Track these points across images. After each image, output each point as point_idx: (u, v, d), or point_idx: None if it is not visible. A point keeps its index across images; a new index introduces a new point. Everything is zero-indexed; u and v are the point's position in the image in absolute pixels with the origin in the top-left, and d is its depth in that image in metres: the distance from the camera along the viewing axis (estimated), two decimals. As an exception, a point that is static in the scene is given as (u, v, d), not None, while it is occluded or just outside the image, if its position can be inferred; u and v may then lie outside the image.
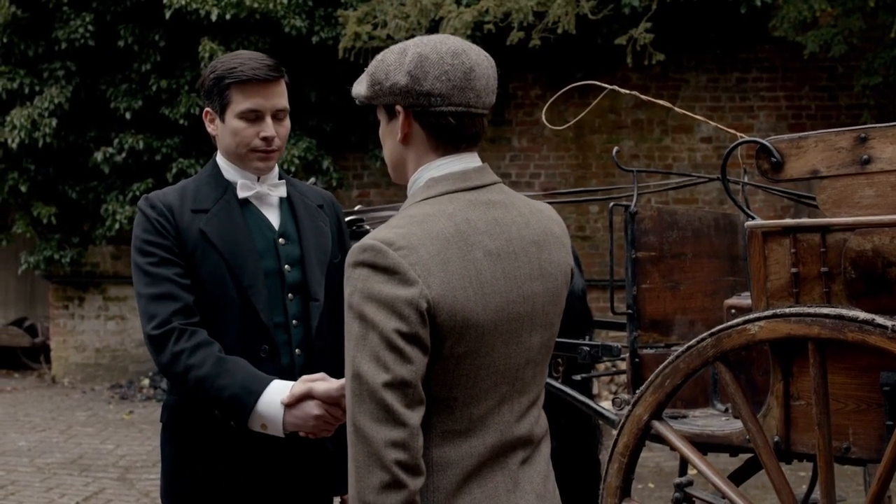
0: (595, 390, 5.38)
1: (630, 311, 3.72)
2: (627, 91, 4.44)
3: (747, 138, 3.33)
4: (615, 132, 11.09)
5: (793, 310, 2.96)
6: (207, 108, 2.78)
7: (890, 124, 3.06)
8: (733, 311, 3.54)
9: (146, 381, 11.27)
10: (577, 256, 4.65)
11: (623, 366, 4.19)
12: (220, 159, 2.83)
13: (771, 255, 3.13)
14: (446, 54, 2.06)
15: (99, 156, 10.66)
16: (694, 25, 10.45)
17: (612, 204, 3.92)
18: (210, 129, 2.81)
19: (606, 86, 4.38)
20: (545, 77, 10.99)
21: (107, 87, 10.80)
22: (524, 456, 2.16)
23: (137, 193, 10.64)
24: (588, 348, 3.91)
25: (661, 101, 4.36)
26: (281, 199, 2.85)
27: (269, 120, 2.74)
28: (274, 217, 2.83)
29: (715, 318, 3.87)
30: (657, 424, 3.27)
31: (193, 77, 10.39)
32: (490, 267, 2.01)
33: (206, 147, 10.58)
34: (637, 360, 3.68)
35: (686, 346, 3.15)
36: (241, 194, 2.77)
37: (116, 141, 10.68)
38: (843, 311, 2.86)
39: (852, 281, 2.98)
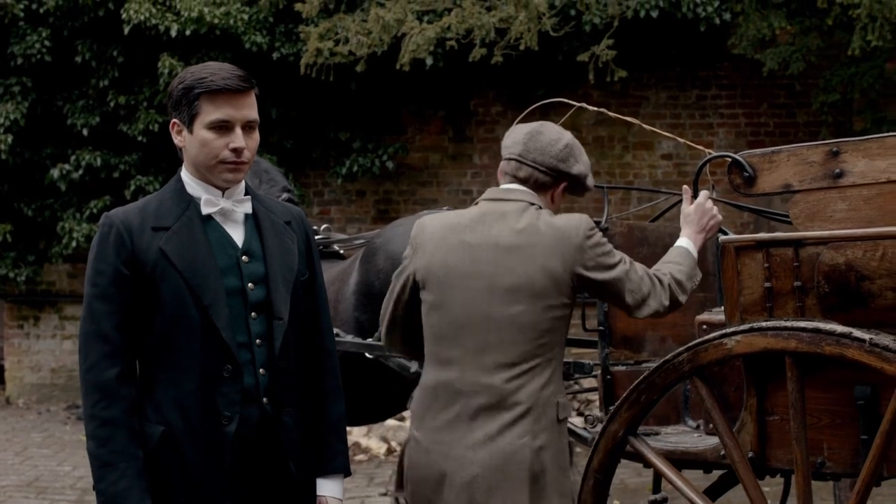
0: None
1: (601, 327, 3.70)
2: (595, 108, 4.44)
3: (719, 153, 3.33)
4: (576, 149, 11.10)
5: (769, 323, 2.95)
6: (175, 120, 2.72)
7: (861, 138, 3.07)
8: (705, 327, 3.53)
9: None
10: None
11: (593, 383, 4.18)
12: (184, 174, 2.77)
13: (744, 270, 3.13)
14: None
15: (55, 172, 10.50)
16: (654, 43, 10.51)
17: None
18: (177, 140, 2.74)
19: (574, 103, 4.37)
20: (506, 94, 11.01)
21: (64, 103, 10.67)
22: (486, 403, 2.98)
23: (95, 211, 10.51)
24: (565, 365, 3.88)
25: (629, 119, 4.36)
26: (246, 215, 2.79)
27: (238, 131, 2.68)
28: (238, 234, 2.76)
29: (686, 333, 3.85)
30: (633, 440, 3.25)
31: (152, 93, 10.30)
32: (459, 249, 3.09)
33: (164, 164, 10.49)
34: (609, 377, 3.66)
35: (662, 361, 3.14)
36: (205, 210, 2.72)
37: (73, 157, 10.53)
38: (821, 325, 2.86)
39: (826, 295, 2.98)
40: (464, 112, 11.17)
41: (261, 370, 2.71)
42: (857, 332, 2.79)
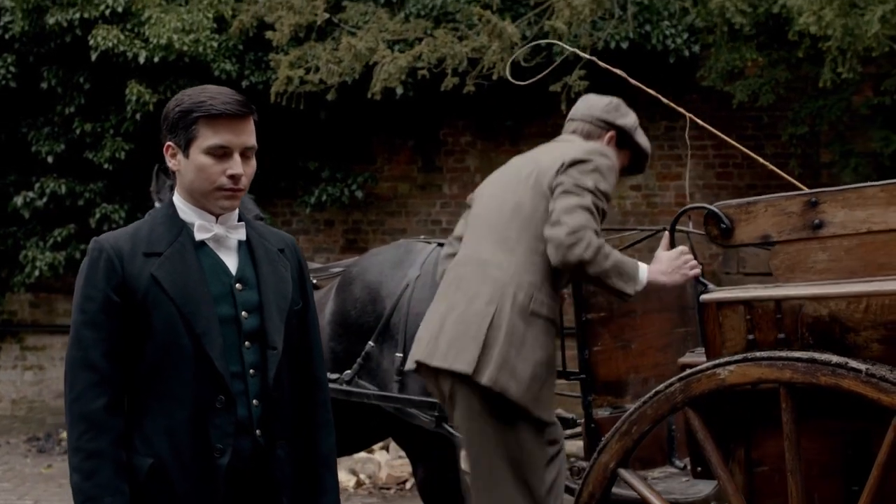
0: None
1: (582, 375, 3.67)
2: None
3: (696, 204, 3.31)
4: (546, 179, 11.08)
5: (764, 353, 2.92)
6: (170, 143, 2.66)
7: (839, 188, 3.06)
8: (687, 369, 3.50)
9: (65, 434, 10.91)
10: None
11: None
12: (176, 199, 2.72)
13: (726, 322, 3.10)
14: None
15: (19, 200, 10.32)
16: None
17: None
18: (171, 164, 2.69)
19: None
20: (476, 124, 10.98)
21: (28, 129, 10.50)
22: None
23: (59, 239, 10.36)
24: None
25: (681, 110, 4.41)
26: (240, 242, 2.74)
27: (237, 157, 2.63)
28: (231, 261, 2.71)
29: (668, 373, 3.82)
30: (624, 472, 3.19)
31: (119, 120, 10.17)
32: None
33: (130, 192, 10.36)
34: (593, 424, 3.62)
35: (654, 391, 3.09)
36: (199, 236, 2.66)
37: (38, 185, 10.34)
38: (816, 355, 2.82)
39: (809, 347, 2.96)
40: (433, 142, 11.13)
41: (254, 401, 2.66)
42: (853, 363, 2.76)
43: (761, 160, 4.65)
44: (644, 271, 3.48)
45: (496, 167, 4.17)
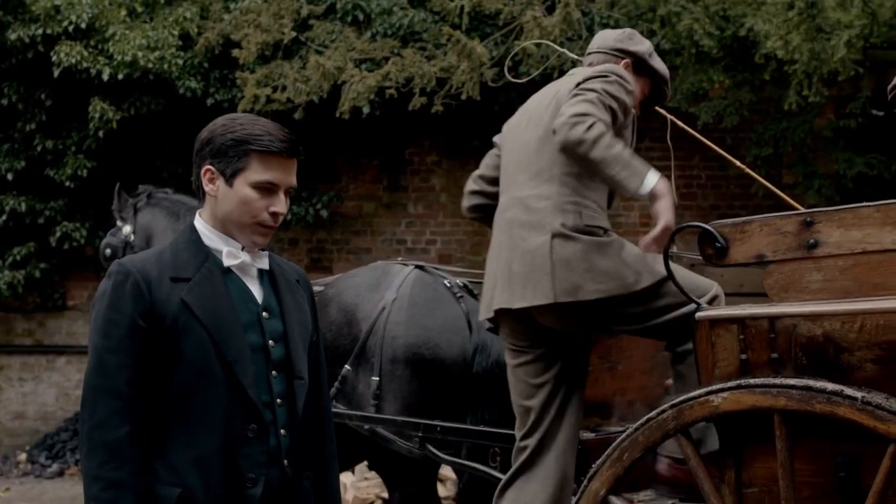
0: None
1: (570, 395, 3.64)
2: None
3: (690, 223, 3.28)
4: (511, 199, 11.08)
5: (758, 380, 2.89)
6: (210, 167, 2.61)
7: (835, 208, 3.05)
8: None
9: (23, 456, 10.69)
10: None
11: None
12: (200, 224, 2.67)
13: (718, 342, 3.07)
14: None
15: (-23, 217, 10.18)
16: (589, 95, 10.56)
17: None
18: (208, 188, 2.63)
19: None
20: (442, 143, 10.97)
21: (-12, 146, 10.36)
22: None
23: (18, 258, 10.22)
24: None
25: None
26: (261, 271, 2.70)
27: (282, 196, 2.60)
28: (256, 289, 2.67)
29: (654, 395, 3.82)
30: (614, 500, 3.16)
31: (81, 137, 10.06)
32: None
33: (92, 210, 10.24)
34: (580, 446, 3.59)
35: (645, 418, 3.06)
36: (227, 263, 2.62)
37: (-3, 202, 10.22)
38: (811, 382, 2.80)
39: (803, 367, 2.94)
40: (399, 161, 11.10)
41: (282, 431, 2.62)
42: (848, 391, 2.74)
43: (760, 179, 4.68)
44: (656, 176, 3.46)
45: (462, 187, 4.19)
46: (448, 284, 4.59)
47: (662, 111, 4.41)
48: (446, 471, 7.12)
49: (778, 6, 7.76)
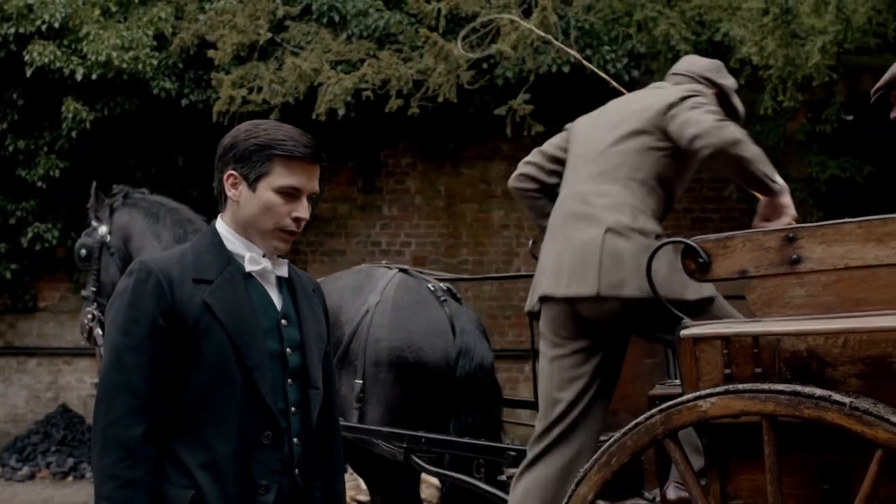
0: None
1: (554, 404, 3.65)
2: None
3: (673, 238, 3.29)
4: (486, 201, 11.10)
5: (746, 386, 2.89)
6: (233, 172, 2.59)
7: (817, 224, 3.07)
8: (658, 402, 3.49)
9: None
10: (485, 329, 4.59)
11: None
12: (222, 227, 2.65)
13: (702, 357, 3.08)
14: None
15: (-52, 218, 10.09)
16: (564, 98, 10.59)
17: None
18: (231, 193, 2.61)
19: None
20: (417, 145, 10.97)
21: (-42, 146, 10.27)
22: None
23: (-11, 258, 10.16)
24: (515, 453, 3.83)
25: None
26: (280, 278, 2.68)
27: (304, 201, 2.60)
28: (275, 296, 2.66)
29: (636, 404, 3.83)
30: None
31: (54, 138, 9.98)
32: None
33: (64, 210, 10.17)
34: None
35: (634, 422, 3.06)
36: (249, 268, 2.60)
37: (-33, 203, 10.14)
38: (799, 388, 2.80)
39: (787, 382, 2.96)
40: (374, 163, 11.08)
41: (295, 440, 2.61)
42: (836, 396, 2.75)
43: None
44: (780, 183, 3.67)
45: (436, 189, 4.19)
46: (432, 288, 4.60)
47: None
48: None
49: (753, 12, 7.81)
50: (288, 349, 2.62)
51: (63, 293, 10.93)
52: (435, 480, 6.42)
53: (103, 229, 5.76)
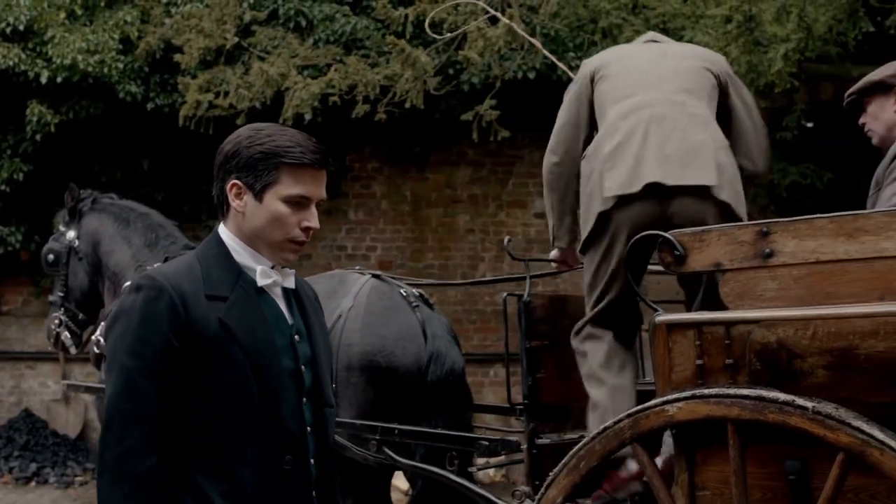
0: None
1: (526, 401, 3.69)
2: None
3: (651, 231, 3.34)
4: (451, 206, 11.16)
5: (712, 391, 2.95)
6: (236, 181, 2.44)
7: (790, 219, 3.13)
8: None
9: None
10: (456, 335, 4.63)
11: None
12: (229, 238, 2.47)
13: (675, 347, 3.14)
14: None
15: None
16: (529, 104, 10.67)
17: (505, 294, 3.91)
18: (235, 203, 2.45)
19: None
20: (383, 150, 11.01)
21: (-81, 150, 10.16)
22: None
23: (-49, 264, 10.07)
24: (487, 442, 3.87)
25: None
26: (286, 290, 2.54)
27: (313, 209, 2.48)
28: (285, 310, 2.52)
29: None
30: None
31: (17, 141, 9.91)
32: None
33: (27, 214, 10.09)
34: (535, 451, 3.64)
35: (602, 427, 3.12)
36: (262, 282, 2.46)
37: (-71, 207, 10.02)
38: (763, 393, 2.87)
39: (757, 372, 3.02)
40: (340, 167, 11.09)
41: (312, 461, 2.49)
42: (799, 400, 2.81)
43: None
44: None
45: (402, 193, 4.21)
46: (404, 293, 4.63)
47: None
48: (396, 480, 7.18)
49: (717, 19, 7.91)
50: (302, 366, 2.50)
51: (26, 297, 10.85)
52: (402, 484, 6.44)
53: (71, 234, 5.73)
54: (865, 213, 2.97)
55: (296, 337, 2.51)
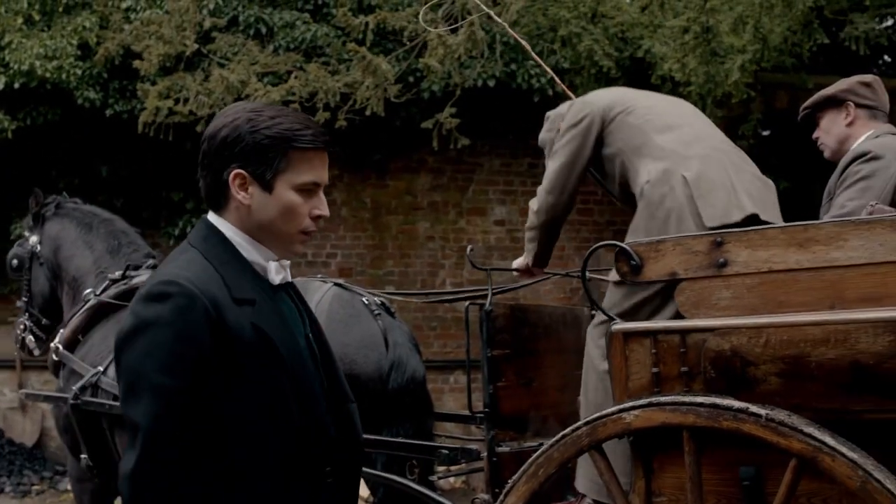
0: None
1: (486, 409, 3.72)
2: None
3: (606, 242, 3.39)
4: (411, 213, 11.19)
5: (668, 398, 3.00)
6: (240, 170, 2.22)
7: (744, 230, 3.19)
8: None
9: None
10: (417, 343, 4.66)
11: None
12: (232, 233, 2.27)
13: (632, 356, 3.18)
14: None
15: None
16: (489, 111, 10.73)
17: (467, 303, 3.94)
18: (241, 195, 2.23)
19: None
20: (343, 157, 10.99)
21: None
22: None
23: None
24: (447, 451, 3.89)
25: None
26: (284, 284, 2.35)
27: (322, 195, 2.30)
28: (294, 307, 2.37)
29: (566, 412, 3.91)
30: None
31: (-29, 148, 9.83)
32: None
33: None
34: (495, 459, 3.67)
35: (560, 434, 3.15)
36: (277, 280, 2.28)
37: None
38: (718, 400, 2.92)
39: (712, 380, 3.06)
40: (300, 174, 11.07)
41: (345, 457, 2.35)
42: (753, 408, 2.86)
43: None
44: None
45: (362, 200, 4.22)
46: (366, 302, 4.64)
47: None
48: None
49: (675, 30, 8.02)
50: (320, 364, 2.35)
51: (-17, 302, 10.75)
52: (363, 492, 6.43)
53: (34, 239, 5.69)
54: (816, 224, 3.03)
55: (310, 335, 2.37)
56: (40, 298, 5.62)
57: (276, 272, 2.29)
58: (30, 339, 5.65)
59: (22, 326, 5.69)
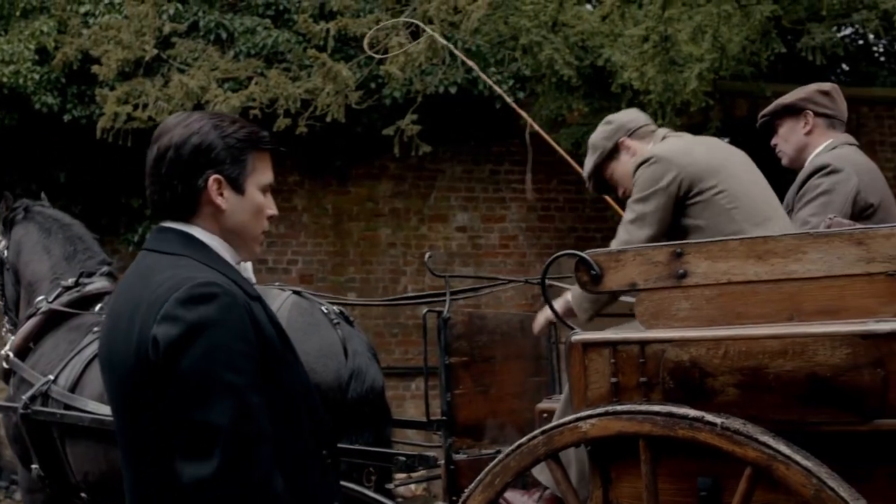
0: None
1: (444, 417, 3.72)
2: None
3: (567, 251, 3.39)
4: (373, 220, 11.17)
5: (624, 407, 3.00)
6: (217, 175, 2.25)
7: (704, 241, 3.21)
8: (545, 415, 3.58)
9: None
10: (375, 352, 4.65)
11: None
12: (208, 238, 2.29)
13: (591, 365, 3.18)
14: None
15: None
16: (451, 118, 10.74)
17: (425, 311, 3.93)
18: (219, 201, 2.26)
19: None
20: (304, 163, 10.97)
21: None
22: None
23: None
24: (405, 458, 3.88)
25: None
26: None
27: (270, 196, 2.37)
28: None
29: (523, 419, 3.91)
30: None
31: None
32: None
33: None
34: (452, 466, 3.67)
35: (517, 443, 3.15)
36: (253, 280, 2.49)
37: None
38: (674, 409, 2.93)
39: (670, 390, 3.07)
40: (259, 181, 11.03)
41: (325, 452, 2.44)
42: (709, 417, 2.87)
43: (614, 204, 4.89)
44: None
45: (323, 207, 4.21)
46: (325, 311, 4.62)
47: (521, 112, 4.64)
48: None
49: (634, 39, 8.07)
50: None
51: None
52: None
53: (2, 244, 5.64)
54: (775, 236, 3.05)
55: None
56: (11, 303, 5.57)
57: (249, 273, 2.33)
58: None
59: (4, 329, 5.63)
